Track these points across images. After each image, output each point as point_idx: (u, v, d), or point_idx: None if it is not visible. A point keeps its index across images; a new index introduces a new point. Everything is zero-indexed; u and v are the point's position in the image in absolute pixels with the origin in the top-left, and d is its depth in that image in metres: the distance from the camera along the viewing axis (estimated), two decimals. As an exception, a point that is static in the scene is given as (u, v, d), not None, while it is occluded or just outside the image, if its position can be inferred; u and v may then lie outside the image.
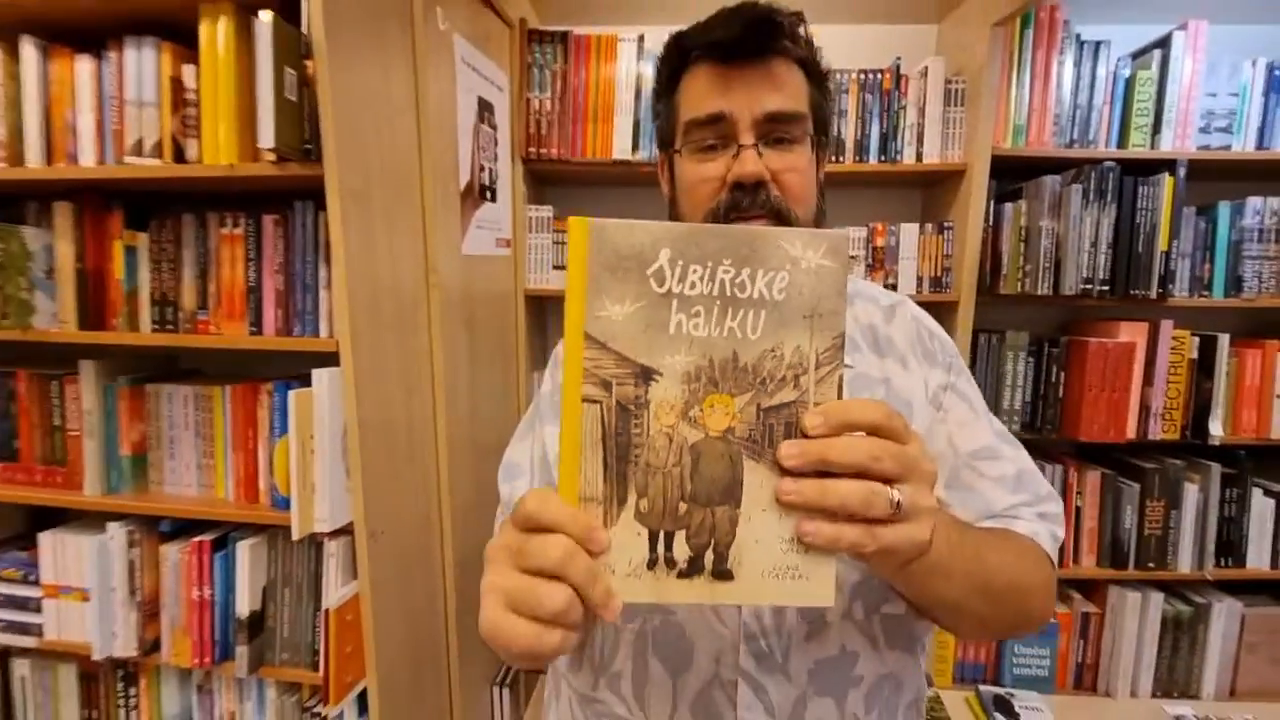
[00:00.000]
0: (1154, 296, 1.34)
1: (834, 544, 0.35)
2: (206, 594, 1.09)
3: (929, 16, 1.51)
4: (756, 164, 0.55)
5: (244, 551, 1.07)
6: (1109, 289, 1.34)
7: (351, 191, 0.91)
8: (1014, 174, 1.42)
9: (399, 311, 1.04)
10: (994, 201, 1.37)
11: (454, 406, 1.18)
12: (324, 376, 0.96)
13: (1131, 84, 1.34)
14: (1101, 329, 1.43)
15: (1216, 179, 1.42)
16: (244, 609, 1.07)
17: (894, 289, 1.43)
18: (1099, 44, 1.34)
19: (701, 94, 0.57)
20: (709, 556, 0.37)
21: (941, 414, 0.61)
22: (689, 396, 0.36)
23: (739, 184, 0.56)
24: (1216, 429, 1.37)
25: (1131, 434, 1.38)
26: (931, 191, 1.56)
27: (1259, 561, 1.43)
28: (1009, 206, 1.37)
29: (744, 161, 0.55)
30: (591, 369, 0.36)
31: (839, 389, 0.37)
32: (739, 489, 0.37)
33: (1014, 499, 0.59)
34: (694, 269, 0.36)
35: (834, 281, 0.36)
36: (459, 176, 1.19)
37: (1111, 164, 1.31)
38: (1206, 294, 1.38)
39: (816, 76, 0.60)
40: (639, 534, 0.37)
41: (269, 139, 0.87)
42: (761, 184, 0.56)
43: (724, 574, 0.37)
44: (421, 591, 1.13)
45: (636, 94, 1.41)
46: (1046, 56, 1.33)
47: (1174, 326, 1.36)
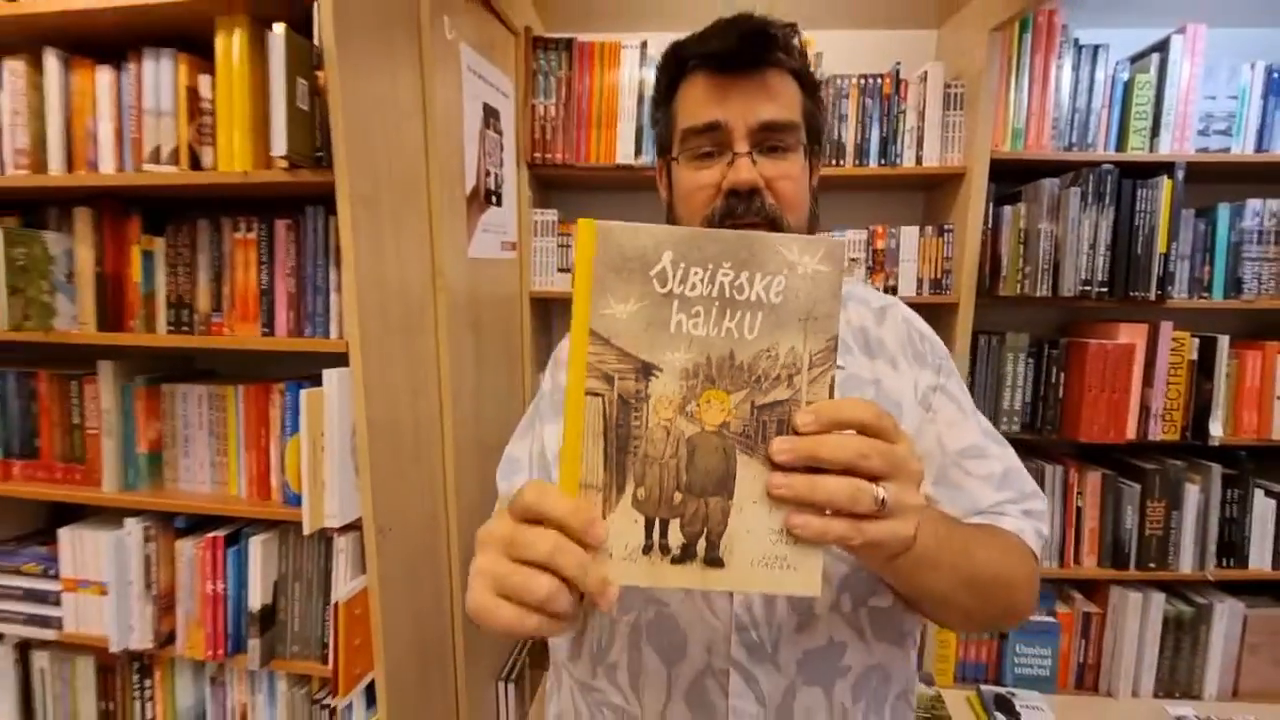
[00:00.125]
0: (1153, 298, 1.35)
1: (821, 537, 0.37)
2: (220, 588, 1.12)
3: (929, 22, 1.53)
4: (751, 172, 0.57)
5: (256, 547, 1.10)
6: (1108, 291, 1.35)
7: (361, 197, 0.94)
8: (1013, 177, 1.43)
9: (406, 313, 1.07)
10: (994, 204, 1.39)
11: (460, 406, 1.20)
12: (334, 377, 0.99)
13: (1130, 87, 1.36)
14: (1101, 330, 1.44)
15: (1216, 181, 1.43)
16: (256, 603, 1.10)
17: (894, 291, 1.45)
18: (1097, 48, 1.35)
19: (698, 103, 0.59)
20: (701, 544, 0.38)
21: (931, 414, 0.63)
22: (686, 392, 0.38)
23: (734, 191, 0.57)
24: (1216, 430, 1.38)
25: (1131, 435, 1.39)
26: (932, 194, 1.58)
27: (1261, 562, 1.43)
28: (1008, 209, 1.38)
29: (739, 169, 0.57)
30: (595, 363, 0.38)
31: (831, 389, 0.38)
32: (732, 481, 0.38)
33: (999, 496, 0.60)
34: (695, 271, 0.38)
35: (829, 286, 0.37)
36: (465, 181, 1.21)
37: (1110, 167, 1.32)
38: (1206, 296, 1.39)
39: (809, 87, 0.61)
40: (636, 520, 0.38)
41: (281, 146, 0.90)
42: (755, 191, 0.57)
43: (715, 561, 0.38)
44: (428, 587, 1.16)
45: (639, 100, 1.43)
46: (1045, 61, 1.35)
47: (1174, 328, 1.37)
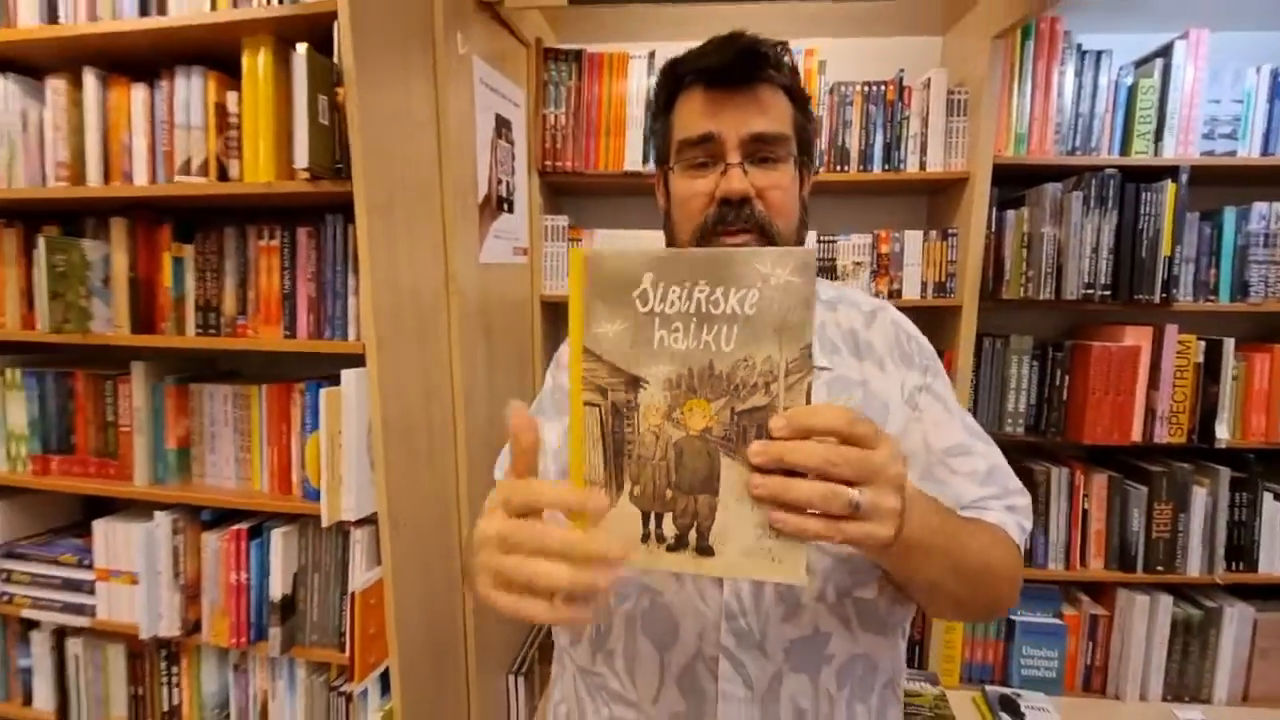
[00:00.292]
0: (1157, 301, 1.35)
1: (800, 533, 0.40)
2: (243, 578, 1.17)
3: (935, 29, 1.55)
4: (742, 181, 0.61)
5: (277, 539, 1.16)
6: (1111, 294, 1.36)
7: (377, 206, 0.99)
8: (1017, 181, 1.44)
9: (420, 317, 1.12)
10: (997, 208, 1.40)
11: (472, 407, 1.24)
12: (351, 377, 1.04)
13: (1134, 92, 1.36)
14: (1106, 333, 1.45)
15: (1221, 184, 1.43)
16: (277, 592, 1.16)
17: (899, 294, 1.47)
18: (1100, 53, 1.36)
19: (693, 116, 0.63)
20: (692, 535, 0.42)
21: (917, 414, 0.66)
22: (671, 401, 0.42)
23: (726, 199, 0.61)
24: (1223, 433, 1.38)
25: (1137, 437, 1.39)
26: (937, 199, 1.60)
27: (1271, 566, 1.42)
28: (1011, 213, 1.39)
29: (731, 179, 0.61)
30: (590, 378, 0.43)
31: (807, 395, 0.40)
32: (716, 481, 0.42)
33: (982, 492, 0.63)
34: (673, 289, 0.41)
35: (801, 296, 0.39)
36: (477, 189, 1.26)
37: (1112, 171, 1.33)
38: (1213, 298, 1.39)
39: (800, 101, 0.65)
40: (633, 514, 0.43)
41: (303, 159, 0.95)
42: (747, 200, 0.61)
43: (706, 550, 0.42)
44: (440, 581, 1.20)
45: (647, 108, 1.47)
46: (1047, 67, 1.36)
47: (1179, 331, 1.38)
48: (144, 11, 1.06)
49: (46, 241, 1.14)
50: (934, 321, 1.58)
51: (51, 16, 1.11)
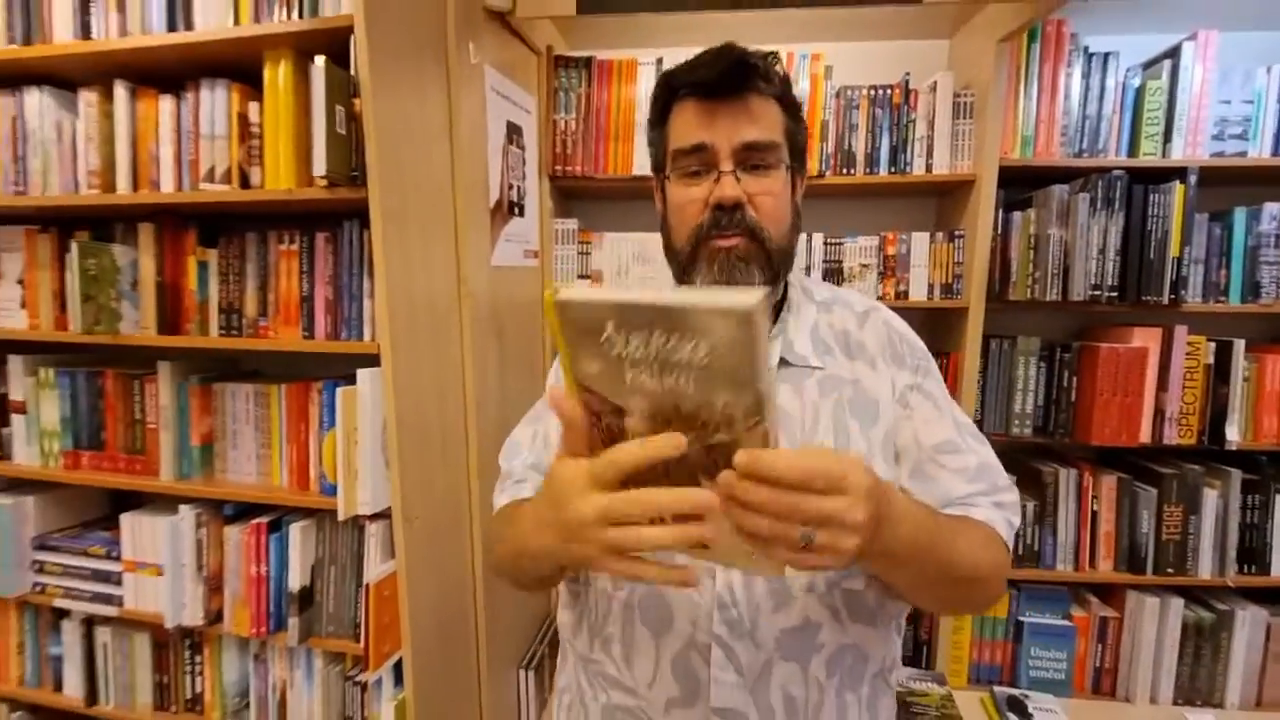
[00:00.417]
0: (1166, 302, 1.35)
1: (769, 553, 0.44)
2: (263, 570, 1.22)
3: (942, 32, 1.55)
4: (735, 188, 0.63)
5: (296, 533, 1.20)
6: (1118, 295, 1.36)
7: (392, 212, 1.02)
8: (1025, 183, 1.45)
9: (434, 318, 1.15)
10: (1004, 210, 1.41)
11: (483, 406, 1.28)
12: (367, 376, 1.07)
13: (1141, 93, 1.36)
14: (1114, 334, 1.44)
15: (1232, 185, 1.42)
16: (295, 584, 1.20)
17: (905, 296, 1.48)
18: (1107, 55, 1.36)
19: (687, 126, 0.65)
20: None
21: (908, 411, 0.68)
22: (652, 429, 0.45)
23: (719, 206, 0.63)
24: (1233, 434, 1.37)
25: (1145, 438, 1.39)
26: (944, 201, 1.60)
27: (1284, 569, 1.41)
28: (1018, 215, 1.40)
29: (723, 186, 0.63)
30: (586, 403, 0.47)
31: (765, 439, 0.42)
32: None
33: (970, 489, 0.65)
34: (634, 336, 0.42)
35: (747, 350, 0.39)
36: (489, 194, 1.29)
37: (1120, 173, 1.33)
38: (1223, 299, 1.39)
39: (790, 108, 0.67)
40: None
41: (321, 167, 0.99)
42: (739, 206, 0.63)
43: (700, 544, 0.45)
44: (452, 575, 1.24)
45: (654, 114, 1.50)
46: (1054, 69, 1.37)
47: (1189, 332, 1.37)
48: (171, 27, 1.11)
49: (79, 246, 1.19)
50: (940, 323, 1.58)
51: (85, 32, 1.16)
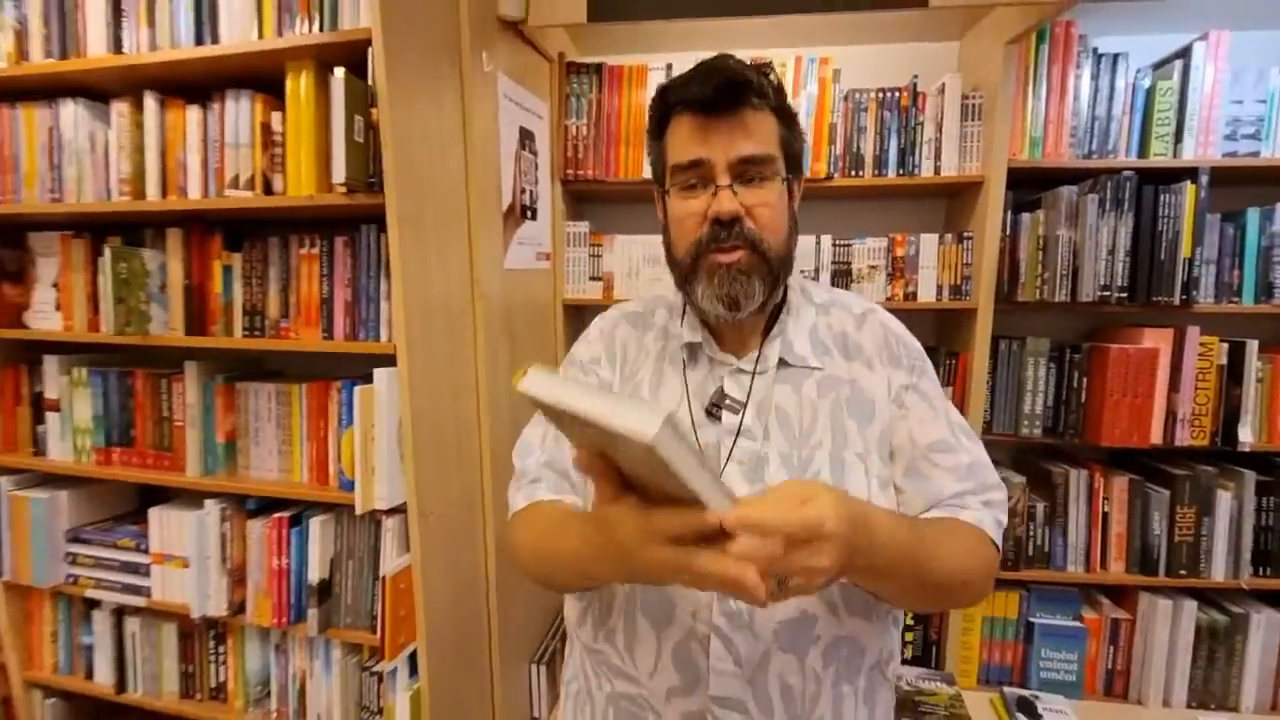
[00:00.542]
0: (1177, 303, 1.35)
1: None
2: (284, 563, 1.26)
3: (951, 34, 1.56)
4: (732, 201, 0.65)
5: (316, 527, 1.24)
6: (1128, 296, 1.36)
7: (408, 216, 1.06)
8: (1034, 184, 1.45)
9: (448, 320, 1.19)
10: (1013, 211, 1.41)
11: (496, 405, 1.31)
12: (383, 376, 1.11)
13: (1152, 94, 1.36)
14: (1125, 335, 1.44)
15: (1245, 185, 1.41)
16: (315, 576, 1.24)
17: (914, 297, 1.49)
18: (1117, 56, 1.36)
19: (684, 142, 0.67)
20: None
21: (903, 411, 0.70)
22: (635, 475, 0.48)
23: (717, 219, 0.65)
24: (1246, 436, 1.36)
25: (1157, 439, 1.38)
26: (954, 202, 1.61)
27: (1299, 572, 1.40)
28: (1026, 216, 1.40)
29: (721, 200, 0.65)
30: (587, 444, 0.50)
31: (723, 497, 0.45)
32: None
33: (961, 487, 0.66)
34: (583, 429, 0.44)
35: (665, 465, 0.40)
36: (502, 199, 1.33)
37: (1129, 173, 1.33)
38: (1236, 300, 1.38)
39: (786, 118, 0.69)
40: None
41: (341, 174, 1.03)
42: (737, 218, 0.65)
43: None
44: (465, 570, 1.27)
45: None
46: (1062, 70, 1.37)
47: (1201, 332, 1.37)
48: (199, 40, 1.16)
49: (112, 251, 1.25)
50: (949, 324, 1.59)
51: (117, 46, 1.22)
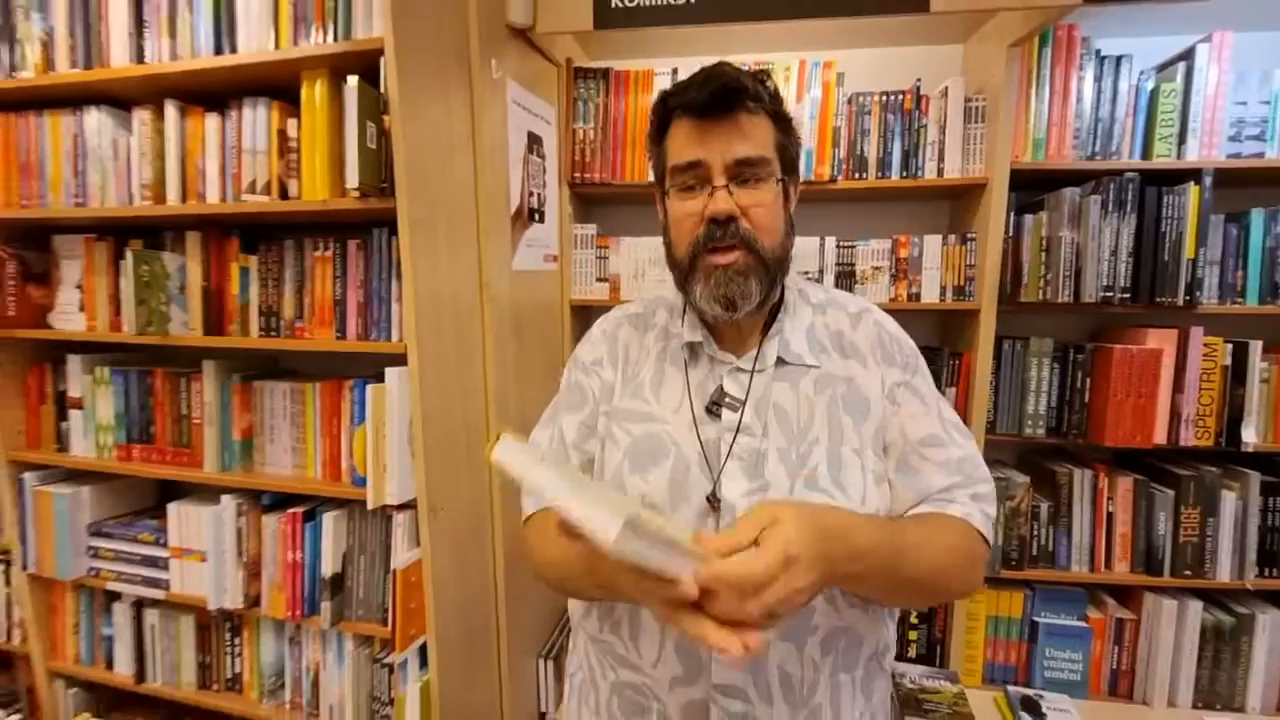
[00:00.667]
0: (1181, 304, 1.35)
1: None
2: (298, 557, 1.29)
3: (954, 38, 1.57)
4: (728, 202, 0.67)
5: (329, 522, 1.27)
6: (1131, 296, 1.36)
7: (418, 220, 1.09)
8: (1038, 186, 1.46)
9: (457, 320, 1.22)
10: (1016, 213, 1.42)
11: (504, 403, 1.33)
12: (394, 375, 1.14)
13: (1155, 96, 1.37)
14: (1129, 335, 1.45)
15: (1250, 186, 1.42)
16: (328, 570, 1.27)
17: (918, 298, 1.50)
18: (1120, 58, 1.37)
19: (682, 145, 0.69)
20: None
21: (895, 407, 0.72)
22: None
23: (714, 219, 0.68)
24: (1250, 436, 1.36)
25: (1161, 439, 1.39)
26: (957, 204, 1.62)
27: (1305, 573, 1.40)
28: (1029, 218, 1.41)
29: (717, 200, 0.67)
30: None
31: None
32: None
33: (949, 480, 0.68)
34: None
35: (631, 562, 0.44)
36: (510, 202, 1.35)
37: (1132, 175, 1.34)
38: (1240, 301, 1.38)
39: (781, 122, 0.71)
40: None
41: (354, 179, 1.07)
42: (733, 218, 0.67)
43: None
44: (474, 565, 1.30)
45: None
46: (1065, 73, 1.38)
47: (1205, 333, 1.37)
48: (218, 50, 1.20)
49: (134, 254, 1.29)
50: (953, 324, 1.60)
51: (139, 56, 1.26)
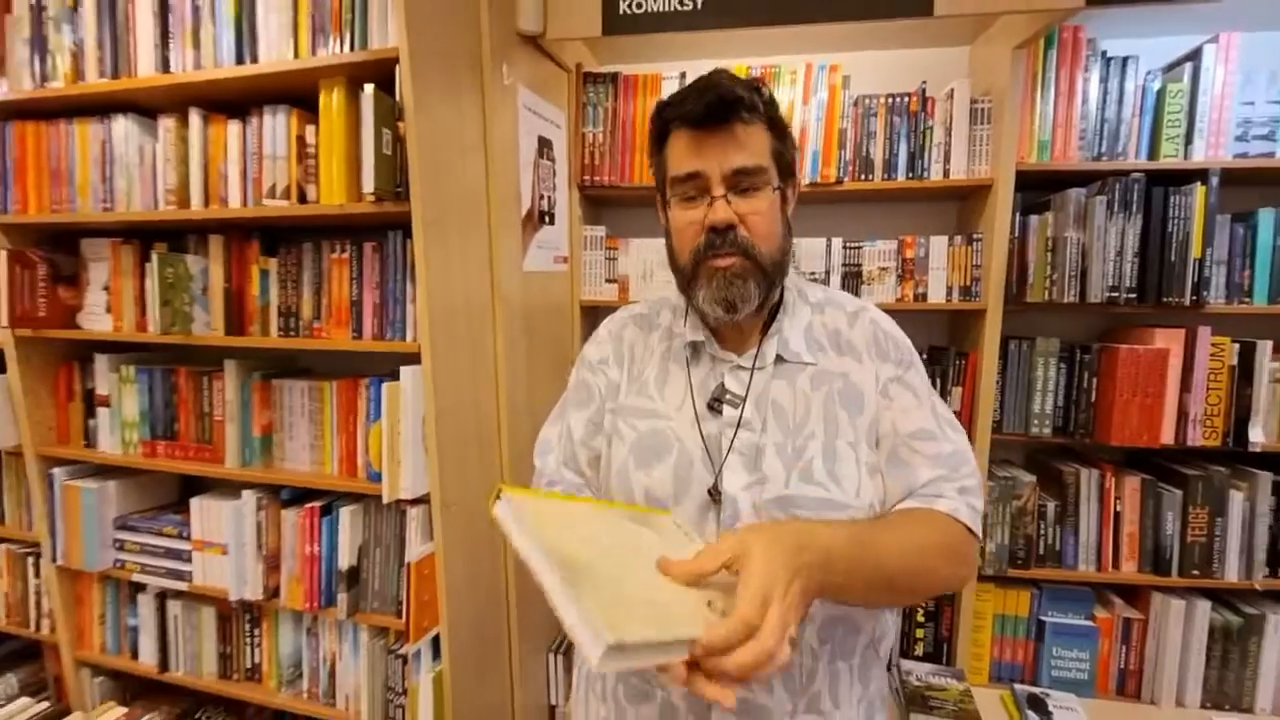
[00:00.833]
0: (1187, 304, 1.35)
1: None
2: (316, 550, 1.33)
3: (960, 40, 1.58)
4: (726, 211, 0.69)
5: (345, 516, 1.31)
6: (1137, 297, 1.37)
7: (432, 223, 1.12)
8: (1044, 187, 1.46)
9: (470, 321, 1.25)
10: (1022, 213, 1.43)
11: (515, 401, 1.37)
12: (409, 374, 1.17)
13: (1162, 96, 1.37)
14: (1136, 335, 1.45)
15: (1258, 186, 1.41)
16: (344, 563, 1.31)
17: (924, 298, 1.51)
18: (1126, 59, 1.38)
19: (680, 156, 0.72)
20: None
21: (888, 402, 0.74)
22: None
23: (713, 228, 0.70)
24: (1258, 436, 1.36)
25: (1168, 439, 1.39)
26: (963, 205, 1.63)
27: (1315, 574, 1.39)
28: (1035, 218, 1.42)
29: (716, 210, 0.69)
30: None
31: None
32: None
33: (936, 473, 0.70)
34: None
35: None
36: (521, 205, 1.38)
37: (1138, 175, 1.34)
38: (1247, 301, 1.38)
39: (777, 129, 0.73)
40: None
41: (370, 184, 1.10)
42: (732, 227, 0.70)
43: None
44: (485, 560, 1.33)
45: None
46: (1070, 74, 1.39)
47: (1212, 333, 1.37)
48: (239, 60, 1.24)
49: (159, 257, 1.33)
50: (959, 324, 1.61)
51: (165, 66, 1.30)
